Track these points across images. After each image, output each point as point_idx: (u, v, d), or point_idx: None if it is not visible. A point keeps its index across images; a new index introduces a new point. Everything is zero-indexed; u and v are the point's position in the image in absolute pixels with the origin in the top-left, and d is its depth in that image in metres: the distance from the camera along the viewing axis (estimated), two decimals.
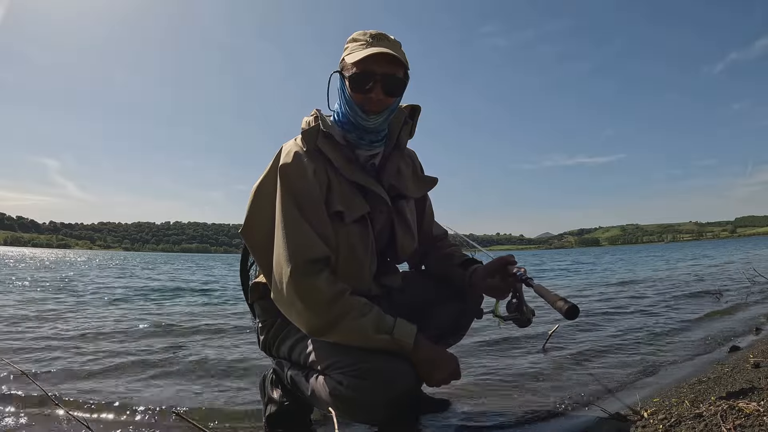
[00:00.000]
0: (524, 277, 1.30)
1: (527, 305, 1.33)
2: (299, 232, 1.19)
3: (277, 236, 1.22)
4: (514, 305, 1.34)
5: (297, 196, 1.22)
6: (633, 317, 3.68)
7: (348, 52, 1.25)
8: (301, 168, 1.25)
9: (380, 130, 1.31)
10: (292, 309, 1.18)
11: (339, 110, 1.31)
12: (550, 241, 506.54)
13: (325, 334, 1.17)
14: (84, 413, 1.61)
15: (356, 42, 1.24)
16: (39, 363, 2.37)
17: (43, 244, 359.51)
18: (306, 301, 1.15)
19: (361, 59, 1.19)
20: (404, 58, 1.24)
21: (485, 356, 2.47)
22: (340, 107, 1.31)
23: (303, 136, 1.31)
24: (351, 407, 1.14)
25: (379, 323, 1.17)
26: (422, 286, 1.55)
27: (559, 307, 1.14)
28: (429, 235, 1.60)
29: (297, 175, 1.24)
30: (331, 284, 1.17)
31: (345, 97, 1.26)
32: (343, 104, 1.28)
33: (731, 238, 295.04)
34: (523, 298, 1.34)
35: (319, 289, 1.15)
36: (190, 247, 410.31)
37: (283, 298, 1.18)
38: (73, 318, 3.98)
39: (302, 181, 1.23)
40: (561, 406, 1.67)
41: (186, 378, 2.13)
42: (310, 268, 1.17)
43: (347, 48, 1.26)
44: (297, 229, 1.19)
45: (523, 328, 1.35)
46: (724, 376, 1.72)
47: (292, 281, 1.15)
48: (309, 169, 1.25)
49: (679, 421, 1.21)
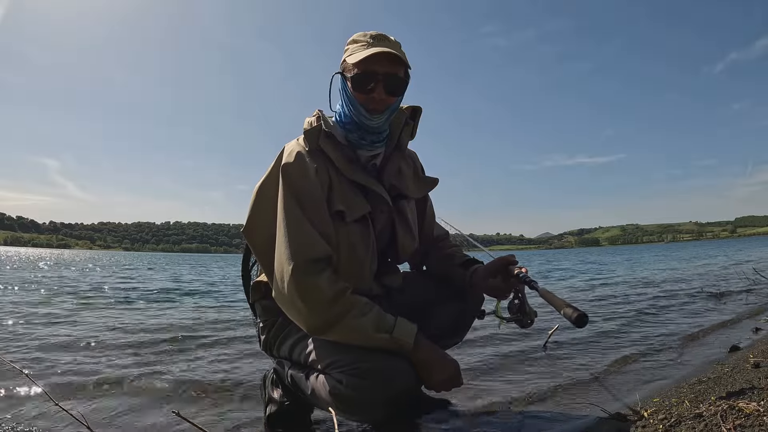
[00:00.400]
0: (527, 278, 1.29)
1: (529, 306, 1.33)
2: (301, 231, 1.20)
3: (279, 235, 1.22)
4: (516, 306, 1.34)
5: (299, 195, 1.23)
6: (633, 317, 3.67)
7: (349, 53, 1.26)
8: (303, 167, 1.25)
9: (382, 130, 1.32)
10: (293, 308, 1.19)
11: (341, 111, 1.32)
12: (550, 241, 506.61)
13: (325, 333, 1.18)
14: (84, 414, 1.61)
15: (357, 43, 1.26)
16: (55, 366, 2.37)
17: (43, 244, 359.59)
18: (307, 299, 1.15)
19: (363, 59, 1.20)
20: (405, 57, 1.25)
21: (485, 356, 2.47)
22: (342, 108, 1.32)
23: (305, 135, 1.31)
24: (350, 406, 1.15)
25: (379, 322, 1.17)
26: (423, 286, 1.55)
27: (567, 315, 1.12)
28: (430, 236, 1.61)
29: (299, 174, 1.25)
30: (333, 283, 1.17)
31: (347, 97, 1.27)
32: (346, 104, 1.29)
33: (731, 238, 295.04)
34: (526, 299, 1.34)
35: (320, 288, 1.15)
36: (190, 247, 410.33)
37: (285, 296, 1.19)
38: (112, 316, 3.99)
39: (304, 181, 1.24)
40: (561, 406, 1.67)
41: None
42: (311, 267, 1.17)
43: (348, 49, 1.28)
44: (299, 228, 1.20)
45: (524, 329, 1.36)
46: (724, 376, 1.72)
47: (294, 280, 1.15)
48: (311, 168, 1.25)
49: (679, 421, 1.21)
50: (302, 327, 1.21)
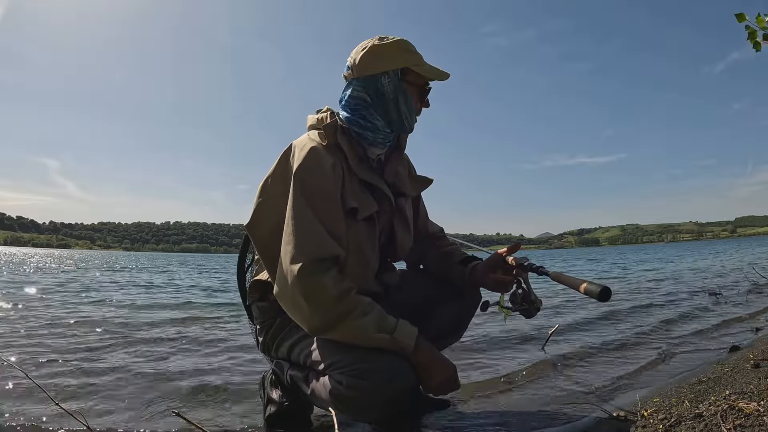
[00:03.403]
0: (533, 265, 1.28)
1: (534, 295, 1.29)
2: (310, 230, 1.18)
3: (287, 232, 1.20)
4: (521, 296, 1.31)
5: (312, 193, 1.21)
6: (632, 317, 3.67)
7: (414, 62, 1.32)
8: (319, 163, 1.24)
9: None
10: (295, 307, 1.17)
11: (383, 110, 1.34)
12: (550, 241, 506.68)
13: (326, 332, 1.17)
14: (85, 414, 1.61)
15: (410, 53, 1.32)
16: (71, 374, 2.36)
17: (43, 244, 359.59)
18: (311, 299, 1.14)
19: (433, 74, 1.33)
20: None
21: (485, 355, 2.47)
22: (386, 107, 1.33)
23: (324, 129, 1.30)
24: (351, 407, 1.15)
25: (380, 323, 1.17)
26: (421, 285, 1.55)
27: (589, 291, 1.09)
28: (425, 233, 1.62)
29: (313, 171, 1.23)
30: (338, 282, 1.16)
31: (406, 100, 1.32)
32: (398, 107, 1.32)
33: (731, 238, 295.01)
34: (530, 287, 1.31)
35: (325, 287, 1.14)
36: (190, 247, 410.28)
37: (287, 295, 1.17)
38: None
39: (319, 179, 1.23)
40: (561, 405, 1.67)
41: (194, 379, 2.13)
42: (318, 266, 1.15)
43: (406, 58, 1.31)
44: (308, 227, 1.18)
45: (529, 318, 1.33)
46: (724, 376, 1.73)
47: (299, 279, 1.14)
48: (327, 163, 1.24)
49: (679, 421, 1.21)
50: (304, 326, 1.19)
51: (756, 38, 1.85)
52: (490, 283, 1.39)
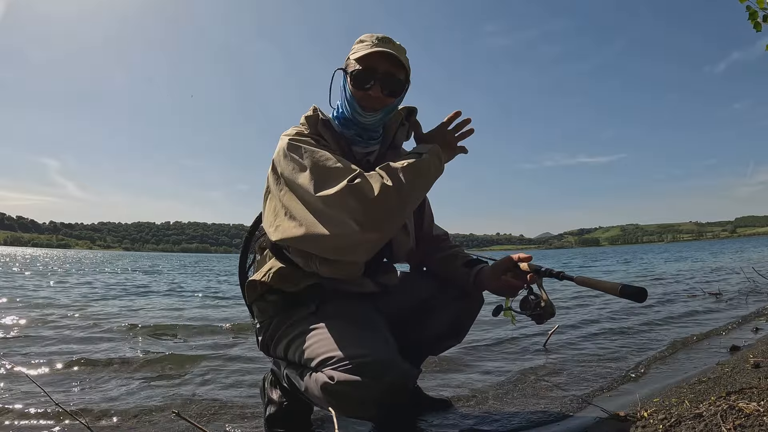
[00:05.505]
0: (552, 271, 1.25)
1: (549, 300, 1.26)
2: (332, 162, 1.18)
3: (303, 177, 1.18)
4: (533, 302, 1.28)
5: (300, 143, 1.24)
6: (632, 317, 3.67)
7: (353, 51, 1.30)
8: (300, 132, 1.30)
9: (376, 128, 1.35)
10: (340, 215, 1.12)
11: (339, 107, 1.36)
12: (550, 241, 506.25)
13: (397, 200, 1.13)
14: (85, 414, 1.61)
15: (362, 43, 1.29)
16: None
17: (43, 244, 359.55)
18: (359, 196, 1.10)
19: (364, 56, 1.24)
20: (407, 63, 1.29)
21: (485, 356, 2.47)
22: (340, 104, 1.35)
23: (306, 120, 1.35)
24: (343, 403, 1.14)
25: (412, 160, 1.18)
26: (424, 286, 1.54)
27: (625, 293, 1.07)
28: (429, 235, 1.60)
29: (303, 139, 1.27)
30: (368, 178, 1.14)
31: (346, 93, 1.30)
32: (344, 101, 1.32)
33: (731, 238, 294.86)
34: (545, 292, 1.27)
35: (367, 180, 1.12)
36: (190, 247, 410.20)
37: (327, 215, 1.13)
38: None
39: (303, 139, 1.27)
40: (561, 405, 1.67)
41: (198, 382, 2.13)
42: (354, 176, 1.14)
43: (353, 48, 1.31)
44: (327, 160, 1.18)
45: (540, 324, 1.30)
46: (724, 376, 1.73)
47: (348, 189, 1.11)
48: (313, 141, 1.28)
49: (679, 421, 1.21)
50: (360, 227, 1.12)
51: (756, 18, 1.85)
52: (498, 286, 1.36)
